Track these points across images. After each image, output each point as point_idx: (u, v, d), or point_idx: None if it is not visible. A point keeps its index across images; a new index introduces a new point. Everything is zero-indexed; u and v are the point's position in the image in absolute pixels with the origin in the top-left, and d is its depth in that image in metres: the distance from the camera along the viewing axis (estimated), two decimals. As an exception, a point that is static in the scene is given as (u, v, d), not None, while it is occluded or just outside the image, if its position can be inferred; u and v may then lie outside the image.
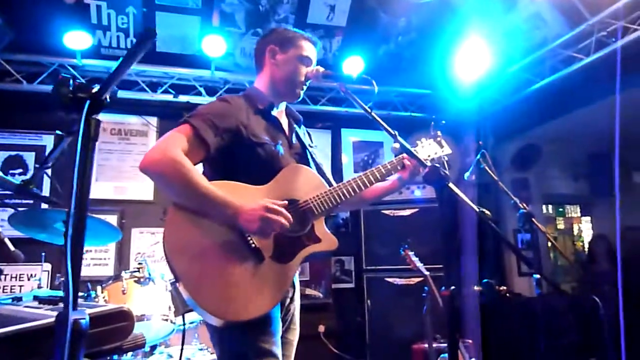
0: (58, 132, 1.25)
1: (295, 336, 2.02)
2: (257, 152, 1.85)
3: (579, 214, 7.38)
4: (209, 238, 1.68)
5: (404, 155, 2.09)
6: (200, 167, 1.85)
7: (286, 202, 1.78)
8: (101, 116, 3.66)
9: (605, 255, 5.47)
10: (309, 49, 2.06)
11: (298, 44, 2.04)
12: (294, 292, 1.99)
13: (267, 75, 2.05)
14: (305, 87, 2.06)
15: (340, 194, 1.94)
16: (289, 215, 1.73)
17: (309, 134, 2.26)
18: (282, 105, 2.12)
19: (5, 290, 4.54)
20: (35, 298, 1.64)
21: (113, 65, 4.70)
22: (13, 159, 4.78)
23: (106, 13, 4.62)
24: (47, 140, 4.82)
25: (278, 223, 1.69)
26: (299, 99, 2.10)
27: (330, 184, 2.02)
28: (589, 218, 7.36)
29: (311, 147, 2.16)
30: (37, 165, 4.70)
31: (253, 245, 1.71)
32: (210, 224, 1.69)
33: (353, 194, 1.97)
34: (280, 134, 1.99)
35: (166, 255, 1.63)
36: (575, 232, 7.34)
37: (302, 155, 2.06)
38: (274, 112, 2.03)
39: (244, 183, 1.79)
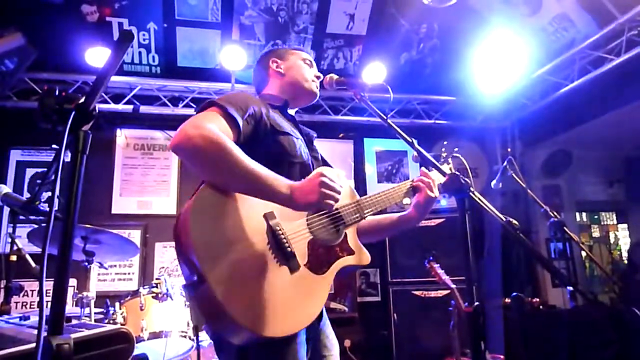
0: (54, 145, 1.20)
1: (335, 349, 1.85)
2: (280, 141, 1.72)
3: (615, 221, 7.08)
4: (240, 236, 1.45)
5: (418, 179, 2.00)
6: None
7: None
8: (124, 132, 3.69)
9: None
10: (307, 55, 2.06)
11: (294, 52, 2.04)
12: (322, 314, 1.86)
13: (275, 84, 2.00)
14: (318, 84, 2.01)
15: (370, 205, 1.85)
16: (340, 188, 1.57)
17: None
18: (293, 113, 2.05)
19: (32, 307, 4.59)
20: (42, 317, 1.60)
21: (136, 81, 4.82)
22: (40, 176, 4.86)
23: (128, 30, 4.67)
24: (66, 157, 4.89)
25: (337, 192, 1.53)
26: (317, 97, 2.03)
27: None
28: (625, 225, 7.06)
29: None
30: (38, 182, 4.77)
31: (289, 249, 1.51)
32: (244, 215, 1.47)
33: (382, 206, 1.88)
34: (299, 132, 1.89)
35: (189, 248, 1.36)
36: (612, 240, 7.04)
37: (321, 160, 1.99)
38: (291, 112, 1.97)
39: None
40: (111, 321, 2.85)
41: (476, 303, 1.58)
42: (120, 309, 2.87)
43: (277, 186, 1.46)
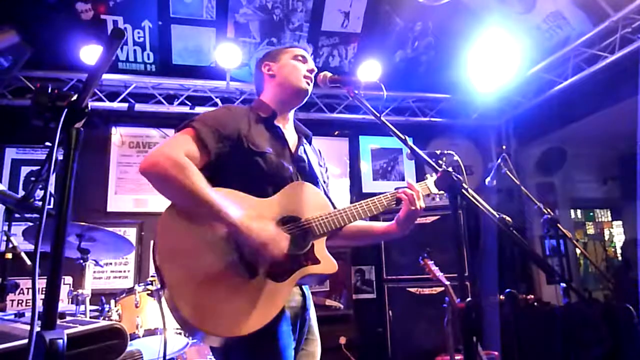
0: (48, 143, 1.21)
1: (316, 347, 1.91)
2: (257, 162, 1.78)
3: (609, 218, 7.13)
4: (202, 247, 1.60)
5: (402, 190, 1.99)
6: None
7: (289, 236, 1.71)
8: (120, 129, 3.68)
9: None
10: (300, 50, 2.04)
11: (287, 50, 2.04)
12: (305, 302, 1.90)
13: (269, 88, 2.02)
14: (311, 82, 1.99)
15: (344, 218, 1.87)
16: (285, 253, 1.67)
17: (319, 152, 2.19)
18: (290, 118, 2.05)
19: (27, 304, 4.59)
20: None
21: (131, 79, 4.81)
22: (35, 174, 4.86)
23: (122, 27, 4.66)
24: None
25: (271, 257, 1.63)
26: (308, 96, 2.02)
27: (334, 206, 1.95)
28: (620, 222, 7.10)
29: (320, 166, 2.09)
30: (32, 179, 4.77)
31: (247, 259, 1.63)
32: (206, 231, 1.62)
33: (358, 218, 1.90)
34: (282, 145, 1.92)
35: (156, 260, 1.55)
36: (607, 237, 7.08)
37: (307, 171, 1.98)
38: (278, 122, 1.96)
39: (242, 192, 1.72)
40: (106, 318, 2.86)
41: (468, 299, 1.60)
42: (115, 306, 2.88)
43: (227, 217, 1.58)
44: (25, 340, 1.05)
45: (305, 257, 1.76)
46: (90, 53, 4.45)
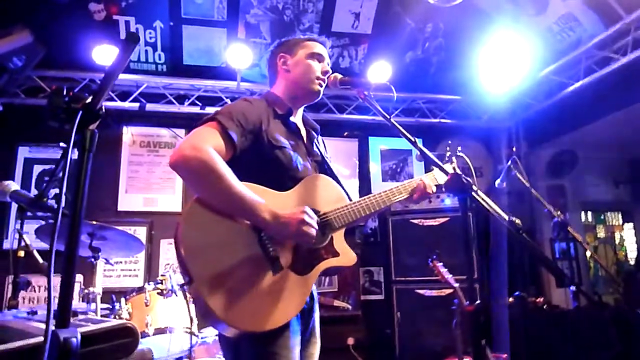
0: (62, 144, 1.22)
1: (316, 349, 1.94)
2: (277, 156, 1.80)
3: (620, 222, 7.05)
4: (227, 242, 1.61)
5: (423, 182, 2.05)
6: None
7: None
8: (131, 129, 3.71)
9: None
10: (318, 47, 2.02)
11: (304, 44, 2.01)
12: (313, 304, 1.92)
13: (282, 82, 2.01)
14: (323, 84, 1.99)
15: (360, 209, 1.89)
16: (318, 231, 1.69)
17: (324, 144, 2.20)
18: (300, 113, 2.07)
19: (39, 302, 4.64)
20: (49, 312, 1.62)
21: (142, 79, 4.85)
22: (47, 173, 4.91)
23: (134, 28, 4.70)
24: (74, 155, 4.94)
25: (312, 234, 1.65)
26: (319, 97, 2.03)
27: (349, 198, 1.96)
28: (631, 225, 7.03)
29: (328, 158, 2.11)
30: (46, 179, 4.82)
31: (272, 253, 1.65)
32: (230, 226, 1.62)
33: (372, 210, 1.92)
34: (299, 140, 1.95)
35: (181, 253, 1.53)
36: (617, 240, 7.01)
37: (321, 165, 2.02)
38: (293, 119, 1.98)
39: (262, 186, 1.73)
40: (117, 317, 2.88)
41: (478, 302, 1.60)
42: (125, 304, 2.90)
43: (259, 212, 1.60)
44: (40, 338, 1.07)
45: (325, 250, 1.79)
46: (102, 53, 4.49)
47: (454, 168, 2.24)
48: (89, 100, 0.98)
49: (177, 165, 1.59)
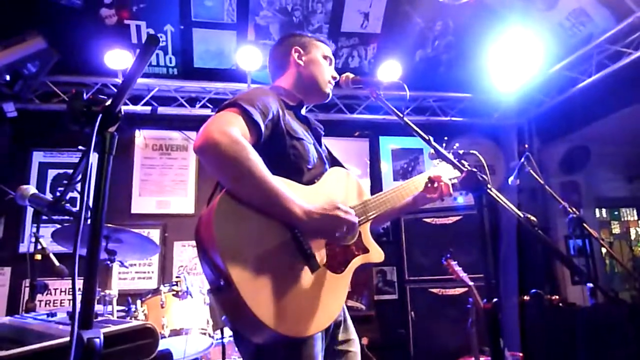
0: (81, 147, 1.24)
1: (356, 347, 1.85)
2: (295, 147, 1.71)
3: (635, 217, 6.98)
4: (262, 239, 1.46)
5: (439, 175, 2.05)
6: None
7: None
8: (143, 132, 3.74)
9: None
10: (329, 51, 2.02)
11: (317, 44, 1.99)
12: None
13: (292, 76, 1.95)
14: (332, 86, 2.00)
15: (383, 203, 1.88)
16: (356, 220, 1.63)
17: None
18: (304, 110, 2.06)
19: (55, 305, 4.69)
20: (68, 314, 1.64)
21: (153, 82, 4.89)
22: (62, 177, 4.97)
23: (145, 32, 4.74)
24: (94, 157, 4.99)
25: (349, 226, 1.59)
26: (328, 99, 2.03)
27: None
28: (646, 221, 6.96)
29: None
30: (64, 182, 4.86)
31: (309, 251, 1.53)
32: (263, 221, 1.47)
33: (395, 204, 1.92)
34: (310, 133, 1.89)
35: (215, 254, 1.36)
36: (633, 236, 6.94)
37: (332, 160, 2.00)
38: (304, 112, 1.95)
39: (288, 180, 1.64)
40: (133, 318, 2.91)
41: (495, 300, 1.59)
42: (141, 306, 2.92)
43: (292, 207, 1.49)
44: (62, 339, 1.08)
45: (356, 246, 1.74)
46: (114, 58, 4.53)
47: (466, 166, 2.23)
48: (108, 102, 0.99)
49: (204, 149, 1.44)
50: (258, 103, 1.62)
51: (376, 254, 1.79)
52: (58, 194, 1.65)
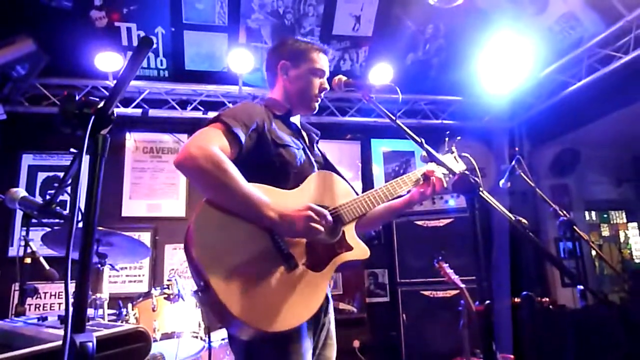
0: (73, 149, 1.23)
1: (332, 352, 1.92)
2: (280, 154, 1.80)
3: (624, 220, 7.04)
4: (241, 243, 1.59)
5: (432, 170, 2.07)
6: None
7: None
8: (134, 135, 3.72)
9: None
10: (322, 60, 2.00)
11: (310, 57, 1.98)
12: (327, 304, 1.92)
13: (280, 90, 2.01)
14: (319, 100, 2.02)
15: (369, 201, 1.90)
16: (330, 219, 1.69)
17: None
18: (297, 117, 2.08)
19: (45, 308, 4.64)
20: (59, 318, 1.62)
21: (144, 85, 4.86)
22: (51, 180, 4.92)
23: (136, 34, 4.71)
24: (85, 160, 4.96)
25: (321, 225, 1.64)
26: (315, 112, 2.05)
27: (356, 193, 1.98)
28: (635, 224, 7.02)
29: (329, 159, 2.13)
30: (55, 185, 4.83)
31: (286, 251, 1.64)
32: (242, 226, 1.60)
33: (381, 202, 1.94)
34: (300, 139, 1.96)
35: (194, 259, 1.50)
36: (622, 239, 7.00)
37: (324, 163, 2.03)
38: (293, 119, 2.00)
39: (268, 186, 1.73)
40: (124, 322, 2.88)
41: (487, 302, 1.60)
42: (132, 310, 2.90)
43: (266, 211, 1.60)
44: (54, 343, 1.07)
45: (339, 244, 1.79)
46: (104, 60, 4.50)
47: (455, 156, 2.27)
48: (100, 105, 0.99)
49: (183, 164, 1.58)
50: (240, 116, 1.74)
51: (360, 251, 1.83)
52: (48, 197, 1.63)
